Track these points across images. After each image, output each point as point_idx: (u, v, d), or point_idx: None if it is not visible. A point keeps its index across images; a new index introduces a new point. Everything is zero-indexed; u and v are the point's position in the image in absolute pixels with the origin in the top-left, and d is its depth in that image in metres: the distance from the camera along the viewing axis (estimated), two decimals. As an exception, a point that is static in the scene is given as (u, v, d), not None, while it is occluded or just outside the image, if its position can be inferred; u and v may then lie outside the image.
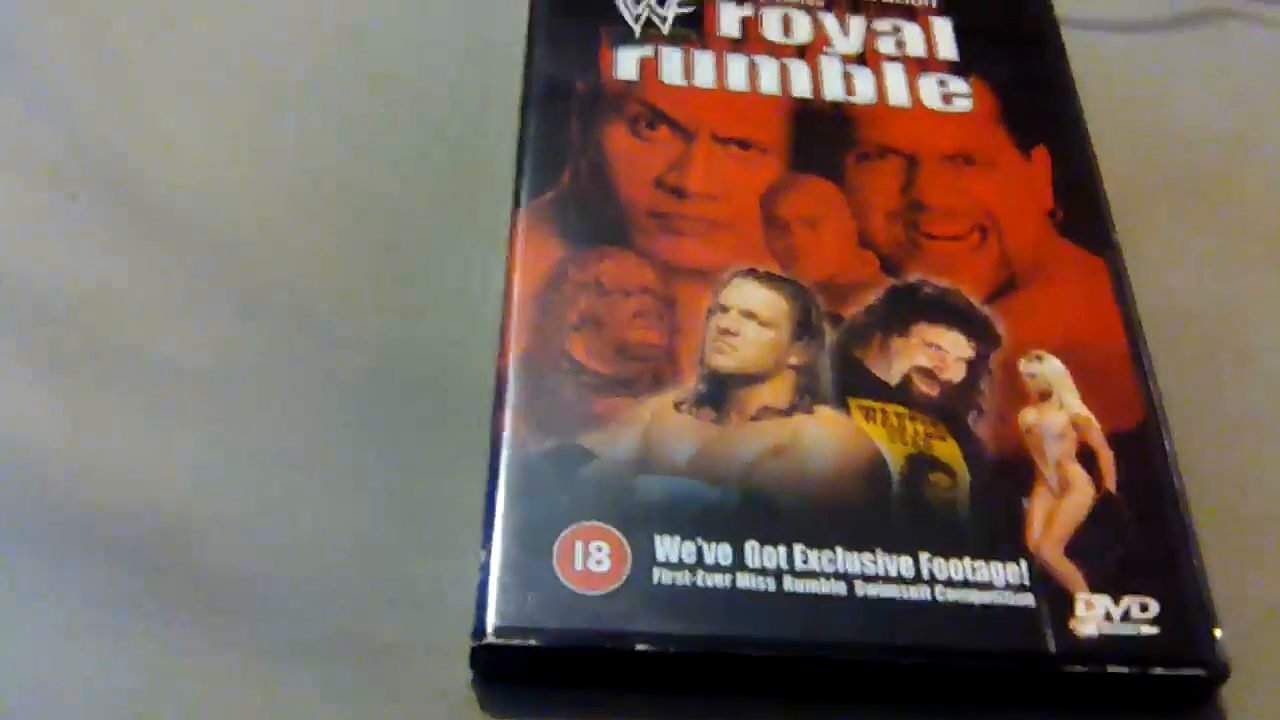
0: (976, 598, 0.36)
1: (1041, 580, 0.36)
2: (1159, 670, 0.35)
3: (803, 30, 0.49)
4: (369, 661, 0.36)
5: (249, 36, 0.49)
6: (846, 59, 0.48)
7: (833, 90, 0.47)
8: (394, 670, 0.36)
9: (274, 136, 0.47)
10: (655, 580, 0.35)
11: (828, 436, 0.38)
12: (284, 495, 0.38)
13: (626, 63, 0.47)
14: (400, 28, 0.50)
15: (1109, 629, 0.35)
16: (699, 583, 0.35)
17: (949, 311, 0.41)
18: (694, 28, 0.48)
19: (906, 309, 0.41)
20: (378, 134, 0.47)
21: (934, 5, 0.50)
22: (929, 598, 0.36)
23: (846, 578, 0.36)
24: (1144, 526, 0.37)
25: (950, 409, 0.39)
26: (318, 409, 0.40)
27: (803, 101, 0.46)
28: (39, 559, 0.37)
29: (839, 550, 0.36)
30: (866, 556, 0.36)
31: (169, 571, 0.37)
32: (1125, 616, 0.36)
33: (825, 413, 0.39)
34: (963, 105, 0.47)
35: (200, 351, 0.41)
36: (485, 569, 0.35)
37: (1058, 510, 0.38)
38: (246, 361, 0.41)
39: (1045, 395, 0.40)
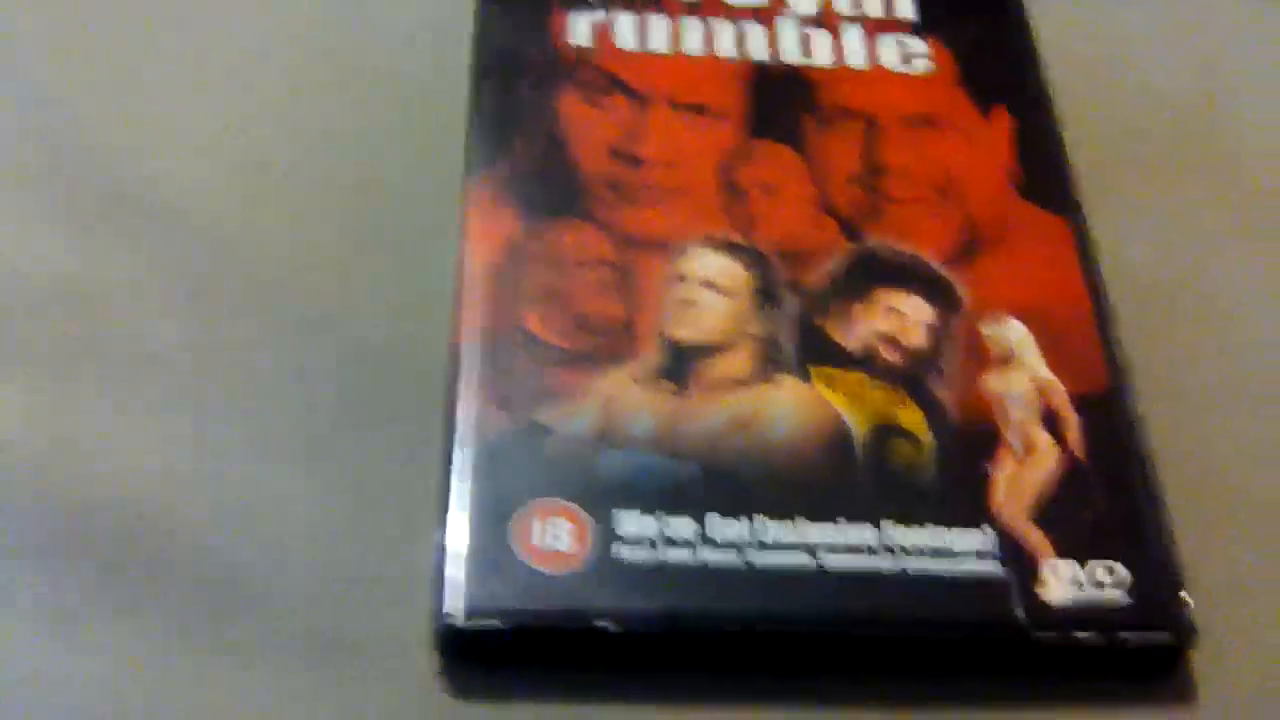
0: (943, 566, 0.35)
1: (1008, 547, 0.36)
2: (1126, 635, 0.35)
3: (759, -8, 0.48)
4: (334, 651, 0.35)
5: (210, 24, 0.48)
6: (804, 20, 0.47)
7: (790, 53, 0.46)
8: (359, 657, 0.35)
9: (233, 120, 0.46)
10: (618, 557, 0.35)
11: (790, 406, 0.38)
12: (244, 484, 0.38)
13: (579, 28, 0.46)
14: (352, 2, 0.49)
15: (1076, 595, 0.35)
16: (662, 558, 0.35)
17: (909, 275, 0.41)
18: (648, -9, 0.47)
19: (867, 274, 0.41)
20: (331, 112, 0.46)
21: (892, -35, 0.49)
22: (895, 567, 0.35)
23: (812, 549, 0.35)
24: (1110, 491, 0.37)
25: (913, 375, 0.39)
26: (280, 395, 0.40)
27: (760, 65, 0.46)
28: (8, 552, 0.36)
29: (803, 522, 0.36)
30: (831, 528, 0.36)
31: (134, 565, 0.36)
32: (1093, 582, 0.35)
33: (787, 382, 0.38)
34: (922, 66, 0.46)
35: (158, 341, 0.40)
36: (442, 550, 0.35)
37: (1022, 476, 0.37)
38: (208, 352, 0.40)
39: (1008, 360, 0.39)
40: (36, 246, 0.42)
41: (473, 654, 0.35)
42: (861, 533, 0.36)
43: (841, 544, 0.35)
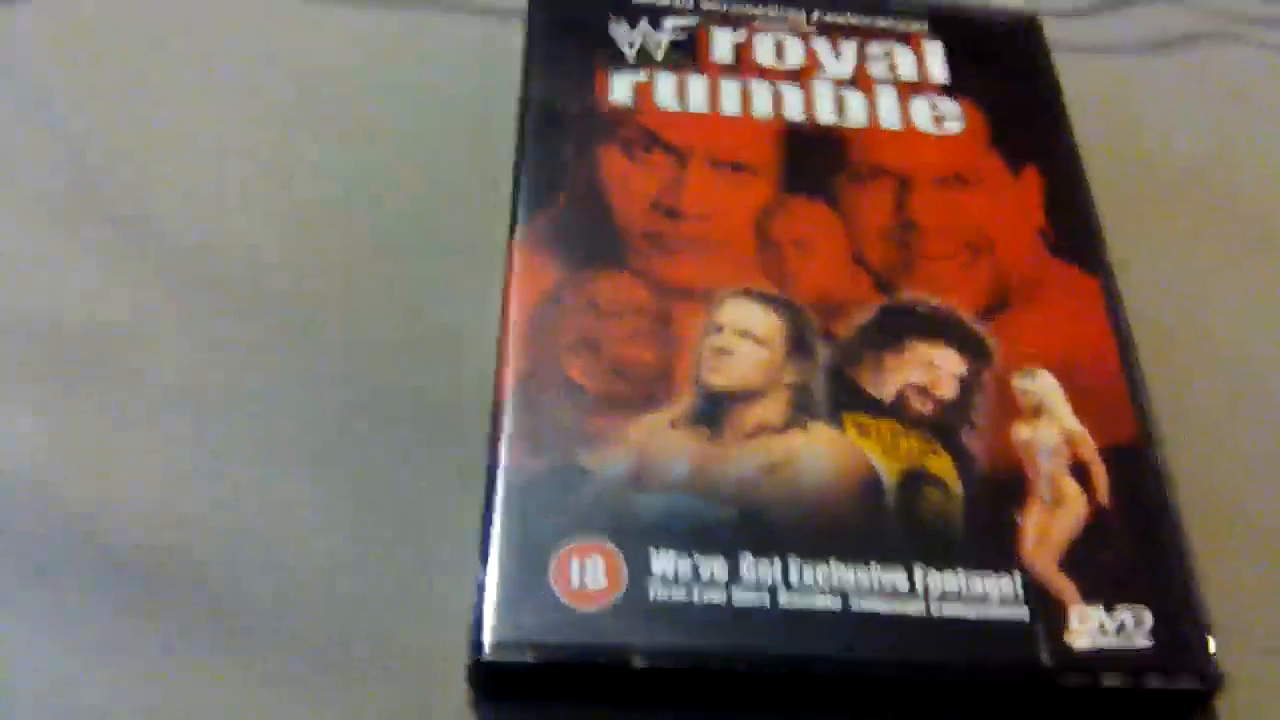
0: (971, 611, 0.36)
1: (1035, 593, 0.36)
2: (1153, 682, 0.35)
3: (795, 55, 0.49)
4: (367, 680, 0.36)
5: (249, 63, 0.50)
6: (839, 82, 0.48)
7: (825, 113, 0.47)
8: (392, 688, 0.36)
9: (274, 159, 0.47)
10: (651, 596, 0.36)
11: (822, 452, 0.39)
12: (284, 515, 0.39)
13: (621, 87, 0.47)
14: (400, 55, 0.51)
15: (1103, 641, 0.36)
16: (695, 598, 0.36)
17: (942, 329, 0.42)
18: (688, 53, 0.49)
19: (900, 327, 0.42)
20: (377, 159, 0.48)
21: (925, 29, 0.50)
22: (924, 612, 0.36)
23: (841, 592, 0.36)
24: (1137, 539, 0.38)
25: (944, 424, 0.40)
26: (318, 429, 0.41)
27: (795, 124, 0.47)
28: (35, 580, 0.37)
29: (834, 564, 0.36)
30: (861, 570, 0.36)
31: (166, 592, 0.37)
32: (1119, 629, 0.36)
33: (820, 429, 0.39)
34: (954, 127, 0.47)
35: (199, 373, 0.41)
36: (481, 586, 0.36)
37: (1051, 523, 0.38)
38: (248, 383, 0.41)
39: (1038, 411, 0.40)
40: (71, 284, 0.43)
41: (505, 688, 0.36)
42: (892, 577, 0.36)
43: (872, 587, 0.36)
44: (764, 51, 0.49)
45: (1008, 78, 0.49)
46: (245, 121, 0.48)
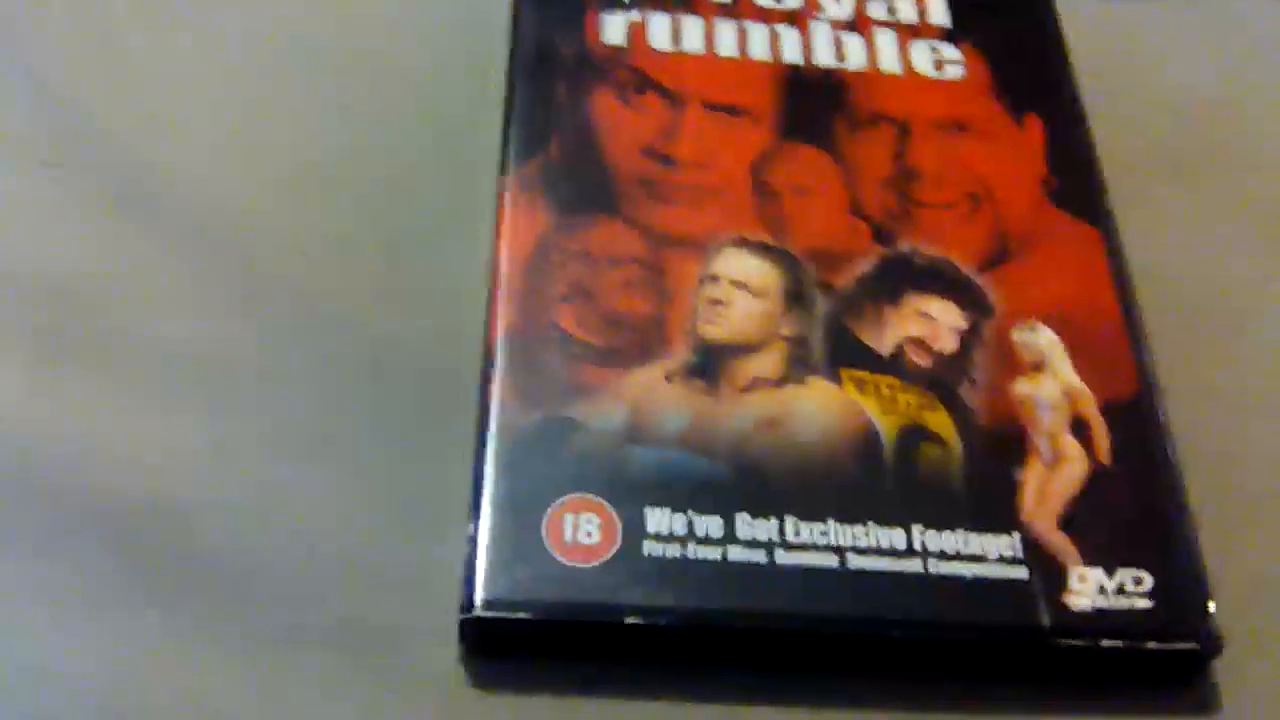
0: (969, 570, 0.36)
1: (1034, 553, 0.36)
2: (1152, 644, 0.35)
3: (793, -5, 0.48)
4: (359, 641, 0.35)
5: (237, 15, 0.48)
6: (837, 25, 0.47)
7: (823, 56, 0.46)
8: (383, 649, 0.35)
9: (261, 112, 0.46)
10: (645, 553, 0.35)
11: (819, 408, 0.38)
12: (272, 472, 0.38)
13: (614, 28, 0.46)
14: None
15: (1102, 602, 0.35)
16: (690, 555, 0.35)
17: (941, 281, 0.41)
18: (683, -8, 0.47)
19: (898, 278, 0.41)
20: (364, 108, 0.46)
21: (926, -30, 0.49)
22: (921, 570, 0.35)
23: (838, 550, 0.35)
24: (1137, 499, 0.37)
25: (942, 379, 0.39)
26: (309, 384, 0.40)
27: (793, 68, 0.46)
28: (29, 544, 0.36)
29: (831, 522, 0.36)
30: (858, 529, 0.36)
31: (157, 556, 0.36)
32: (1119, 590, 0.36)
33: (817, 384, 0.39)
34: (954, 72, 0.46)
35: (188, 334, 0.41)
36: (473, 542, 0.35)
37: (1051, 482, 0.37)
38: (235, 343, 0.40)
39: (1038, 366, 0.39)
40: (63, 242, 0.42)
41: (497, 645, 0.35)
42: (890, 535, 0.36)
43: (869, 546, 0.36)
44: (761, -9, 0.48)
45: (1010, 22, 0.48)
46: (233, 72, 0.47)
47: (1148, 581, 0.36)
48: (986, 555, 0.36)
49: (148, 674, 0.35)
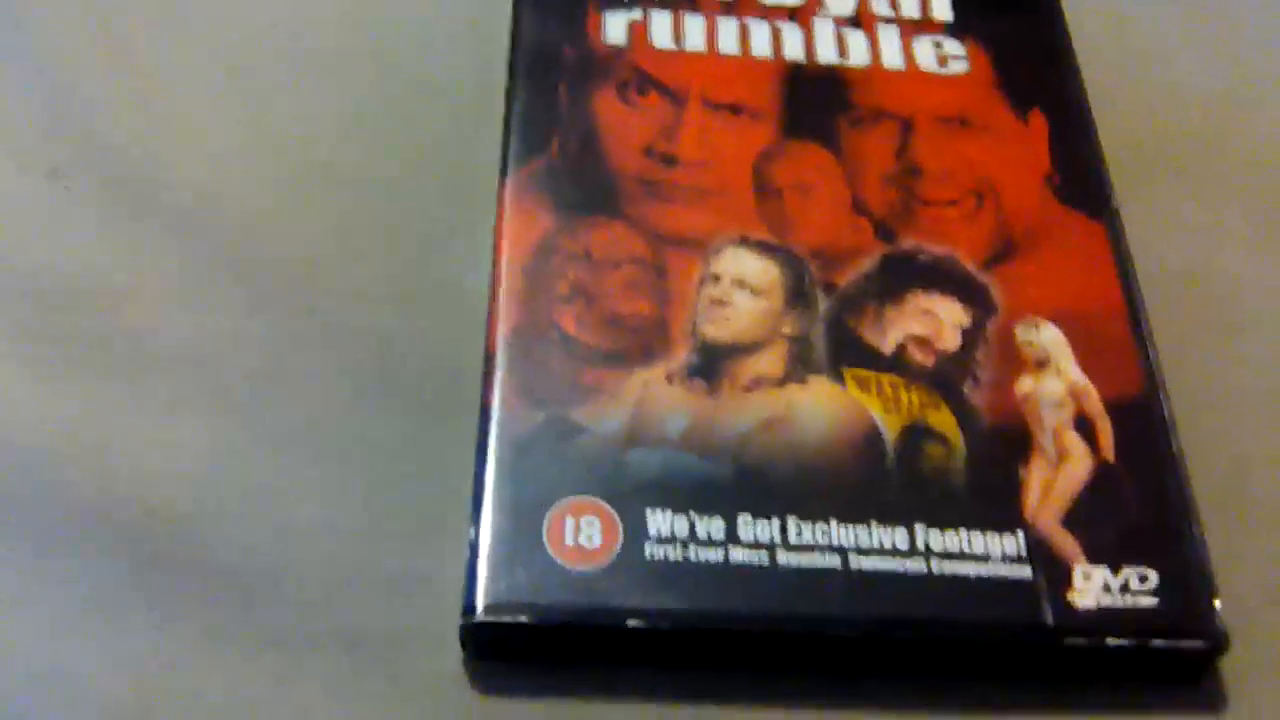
0: (973, 570, 0.35)
1: (1039, 551, 0.36)
2: (1158, 642, 0.35)
3: (795, -9, 0.48)
4: (360, 645, 0.35)
5: (240, 16, 0.49)
6: (839, 21, 0.47)
7: (826, 53, 0.46)
8: (385, 652, 0.35)
9: (265, 115, 0.46)
10: (647, 555, 0.35)
11: (822, 407, 0.38)
12: (275, 476, 0.38)
13: (615, 27, 0.46)
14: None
15: (1107, 600, 0.35)
16: (691, 557, 0.35)
17: (944, 278, 0.41)
18: (684, -10, 0.47)
19: (901, 276, 0.41)
20: (366, 109, 0.46)
21: (929, -35, 0.49)
22: (925, 570, 0.35)
23: (841, 550, 0.35)
24: (1142, 496, 0.37)
25: (946, 378, 0.39)
26: (311, 387, 0.40)
27: (795, 65, 0.46)
28: (36, 548, 0.36)
29: (833, 523, 0.36)
30: (861, 529, 0.36)
31: (161, 560, 0.36)
32: (1124, 588, 0.35)
33: (819, 383, 0.38)
34: (958, 68, 0.46)
35: (192, 335, 0.41)
36: (474, 546, 0.35)
37: (1055, 480, 0.37)
38: (239, 347, 0.40)
39: (1042, 363, 0.39)
40: (70, 247, 0.42)
41: (499, 649, 0.35)
42: (893, 535, 0.36)
43: (872, 546, 0.35)
44: (763, -12, 0.48)
45: (1014, 18, 0.48)
46: (236, 74, 0.47)
47: (1153, 579, 0.36)
48: (990, 554, 0.36)
49: (152, 678, 0.35)
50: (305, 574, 0.36)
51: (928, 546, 0.36)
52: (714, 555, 0.35)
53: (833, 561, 0.35)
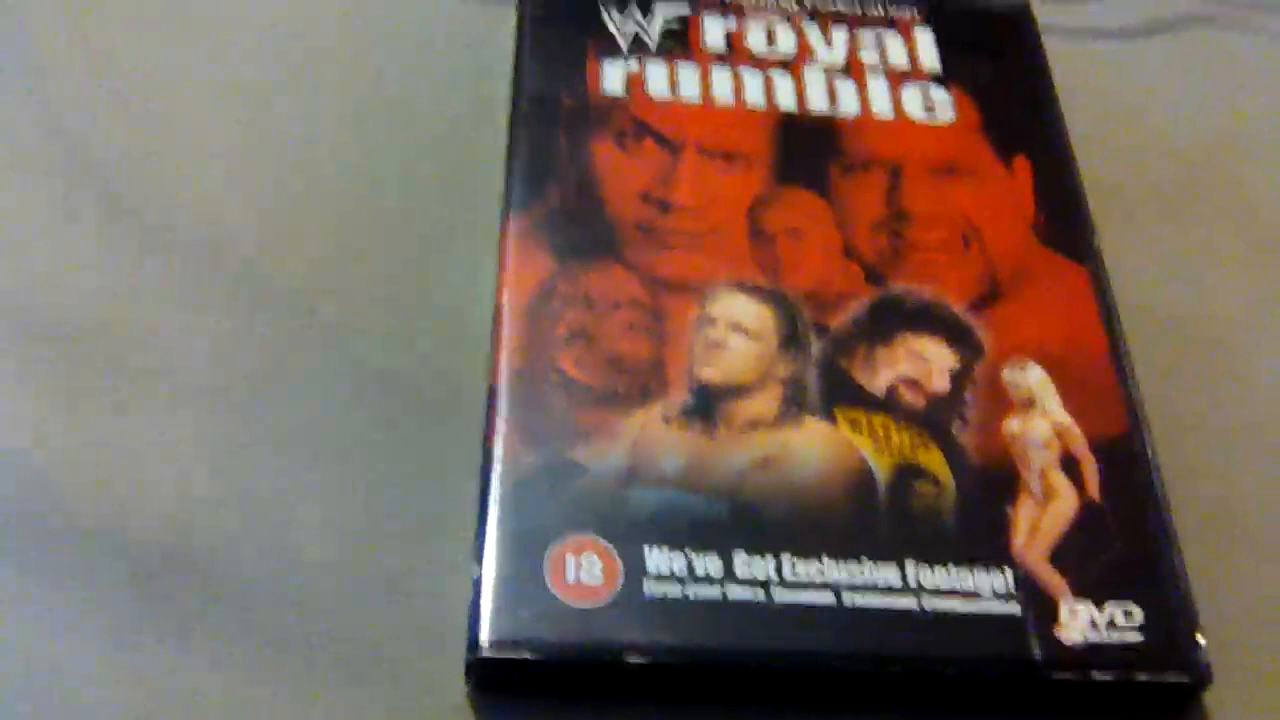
0: (962, 606, 0.36)
1: (1026, 588, 0.37)
2: (1142, 676, 0.36)
3: (787, 42, 0.49)
4: (365, 675, 0.36)
5: (245, 47, 0.50)
6: (830, 70, 0.48)
7: (817, 102, 0.47)
8: (390, 683, 0.36)
9: (274, 134, 0.47)
10: (646, 592, 0.36)
11: (815, 447, 0.39)
12: (278, 509, 0.39)
13: (613, 77, 0.47)
14: (392, 43, 0.50)
15: (1093, 636, 0.36)
16: (690, 594, 0.36)
17: (933, 321, 0.42)
18: (680, 42, 0.48)
19: (891, 319, 0.42)
20: (371, 155, 0.47)
21: (916, 16, 0.50)
22: (916, 606, 0.36)
23: (834, 587, 0.36)
24: (1127, 533, 0.38)
25: (935, 418, 0.40)
26: (314, 422, 0.41)
27: (788, 114, 0.47)
28: (37, 556, 0.37)
29: (827, 560, 0.37)
30: (854, 566, 0.37)
31: (170, 572, 0.37)
32: (1109, 623, 0.36)
33: (812, 423, 0.39)
34: (945, 116, 0.47)
35: (199, 351, 0.41)
36: (478, 583, 0.36)
37: (1042, 518, 0.38)
38: (248, 359, 0.41)
39: (1029, 404, 0.40)
40: (76, 260, 0.43)
41: (502, 684, 0.36)
42: (885, 572, 0.37)
43: (865, 583, 0.36)
44: (756, 39, 0.49)
45: (999, 66, 0.49)
46: (238, 108, 0.48)
47: (1138, 614, 0.36)
48: (979, 591, 0.37)
49: (158, 693, 0.35)
50: (306, 606, 0.37)
51: (919, 583, 0.37)
52: (711, 592, 0.36)
53: (827, 598, 0.36)
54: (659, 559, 0.36)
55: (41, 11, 0.49)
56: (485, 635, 0.35)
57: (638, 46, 0.48)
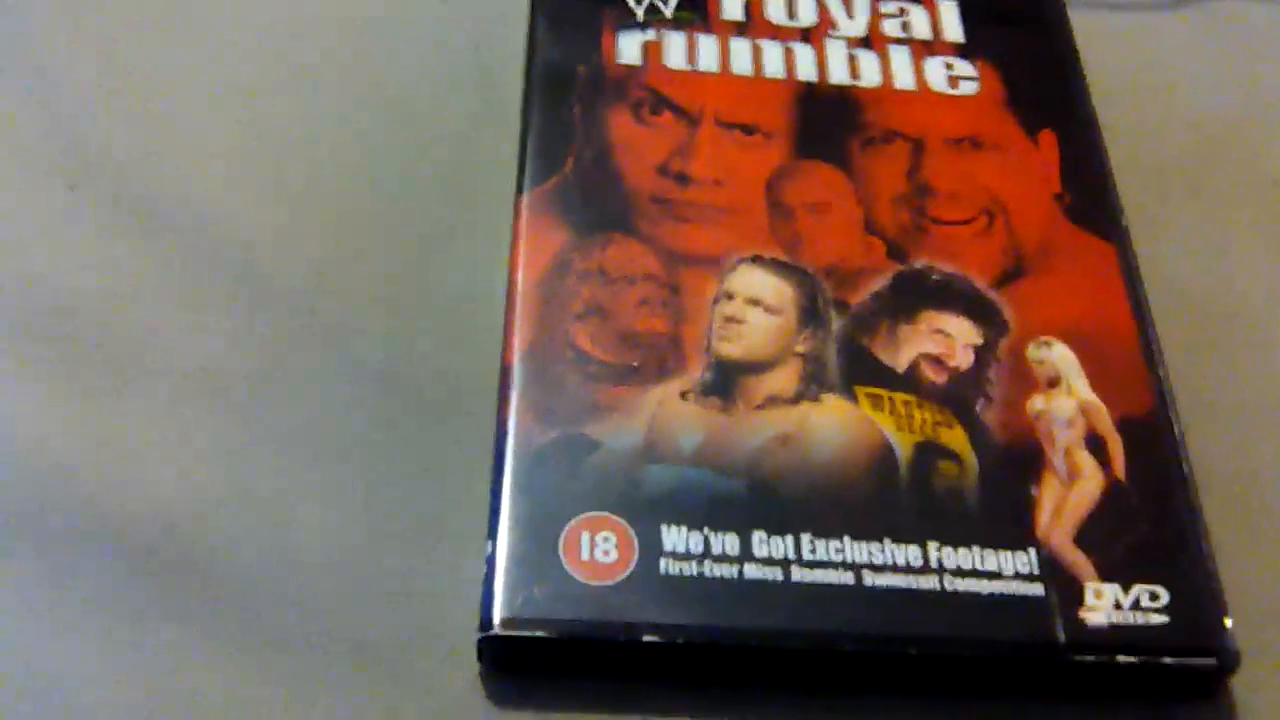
0: (985, 587, 0.36)
1: (1050, 569, 0.36)
2: (1169, 660, 0.35)
3: (807, 13, 0.48)
4: (377, 656, 0.36)
5: (252, 30, 0.49)
6: (852, 42, 0.47)
7: (838, 74, 0.46)
8: (402, 664, 0.36)
9: (277, 129, 0.46)
10: (662, 570, 0.35)
11: (835, 425, 0.38)
12: (290, 491, 0.38)
13: (629, 47, 0.46)
14: (403, 16, 0.50)
15: (1118, 618, 0.35)
16: (706, 573, 0.35)
17: (956, 297, 0.41)
18: (698, 11, 0.48)
19: (913, 295, 0.41)
20: (380, 124, 0.47)
21: (940, -13, 0.49)
22: (937, 587, 0.36)
23: (854, 567, 0.36)
24: (1153, 514, 0.37)
25: (958, 396, 0.39)
26: (324, 403, 0.40)
27: (808, 85, 0.46)
28: (42, 559, 0.37)
29: (846, 540, 0.36)
30: (874, 546, 0.36)
31: (175, 570, 0.37)
32: (1135, 605, 0.36)
33: (832, 401, 0.39)
34: (969, 88, 0.47)
35: (202, 349, 0.41)
36: (491, 561, 0.35)
37: (1067, 498, 0.37)
38: (251, 357, 0.41)
39: (1053, 382, 0.40)
40: (80, 265, 0.43)
41: (516, 663, 0.35)
42: (906, 552, 0.36)
43: (885, 563, 0.36)
44: (775, 9, 0.48)
45: (1024, 38, 0.48)
46: (238, 108, 0.47)
47: (1164, 597, 0.36)
48: (1003, 572, 0.36)
49: (163, 692, 0.35)
50: (321, 589, 0.37)
51: (940, 564, 0.36)
52: (729, 571, 0.35)
53: (846, 578, 0.36)
54: (675, 537, 0.36)
55: (42, 11, 0.49)
56: (498, 613, 0.35)
57: (654, 17, 0.47)
